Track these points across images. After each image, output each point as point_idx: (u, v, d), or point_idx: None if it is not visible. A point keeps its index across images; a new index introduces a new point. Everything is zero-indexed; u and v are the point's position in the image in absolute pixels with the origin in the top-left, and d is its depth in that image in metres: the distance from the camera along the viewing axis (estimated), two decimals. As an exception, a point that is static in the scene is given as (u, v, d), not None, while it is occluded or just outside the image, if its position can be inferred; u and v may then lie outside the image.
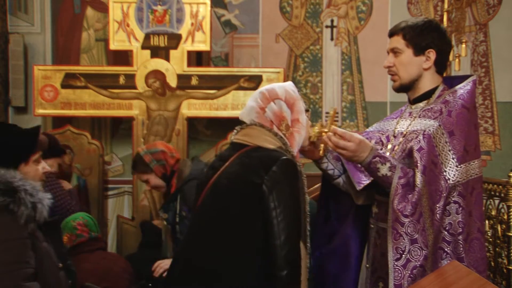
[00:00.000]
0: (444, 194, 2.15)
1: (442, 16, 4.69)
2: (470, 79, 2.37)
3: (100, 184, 4.74)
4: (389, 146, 2.37)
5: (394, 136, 2.38)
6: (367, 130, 2.61)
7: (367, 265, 2.44)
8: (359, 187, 2.36)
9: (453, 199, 2.18)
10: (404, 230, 2.09)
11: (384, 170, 2.17)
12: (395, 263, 2.11)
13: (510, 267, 3.04)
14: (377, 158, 2.17)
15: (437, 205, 2.13)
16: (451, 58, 4.52)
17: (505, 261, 3.08)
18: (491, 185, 3.19)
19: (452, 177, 2.17)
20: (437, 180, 2.15)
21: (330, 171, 2.46)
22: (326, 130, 2.22)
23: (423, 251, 2.09)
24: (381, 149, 2.38)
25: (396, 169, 2.17)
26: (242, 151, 2.13)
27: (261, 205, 2.02)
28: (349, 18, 5.13)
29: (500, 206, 3.14)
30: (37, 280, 1.94)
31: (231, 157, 2.13)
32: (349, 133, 2.17)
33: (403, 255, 2.09)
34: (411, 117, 2.37)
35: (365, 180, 2.35)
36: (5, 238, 1.89)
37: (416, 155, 2.16)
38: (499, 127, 5.07)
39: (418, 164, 2.13)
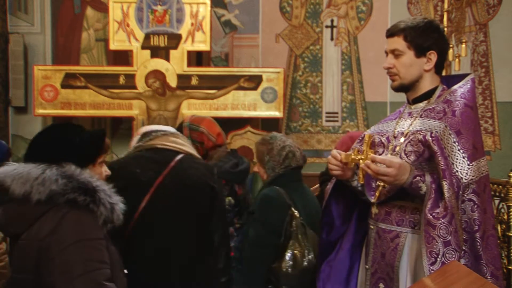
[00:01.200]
0: (460, 193, 2.15)
1: (442, 16, 4.70)
2: (468, 78, 2.37)
3: (100, 184, 4.74)
4: (390, 147, 2.37)
5: (395, 137, 2.37)
6: (365, 133, 2.58)
7: (367, 266, 2.43)
8: (373, 201, 2.36)
9: (467, 197, 2.17)
10: (436, 233, 2.07)
11: (425, 187, 2.16)
12: (430, 268, 2.08)
13: (510, 267, 3.04)
14: (418, 178, 2.16)
15: (459, 205, 2.14)
16: (451, 58, 4.52)
17: (505, 261, 3.08)
18: (491, 185, 3.19)
19: (465, 176, 2.16)
20: (452, 181, 2.15)
21: (360, 188, 2.44)
22: (363, 157, 2.21)
23: (457, 253, 2.07)
24: (383, 151, 2.38)
25: (426, 176, 2.16)
26: (182, 157, 2.42)
27: (213, 205, 2.40)
28: (349, 18, 5.13)
29: (500, 206, 3.14)
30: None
31: (170, 161, 2.38)
32: (388, 159, 2.15)
33: (438, 258, 2.06)
34: (411, 117, 2.36)
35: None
36: (88, 237, 1.88)
37: (436, 160, 2.15)
38: (499, 127, 5.07)
39: (440, 171, 2.12)
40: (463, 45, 4.52)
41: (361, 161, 2.20)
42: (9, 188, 1.85)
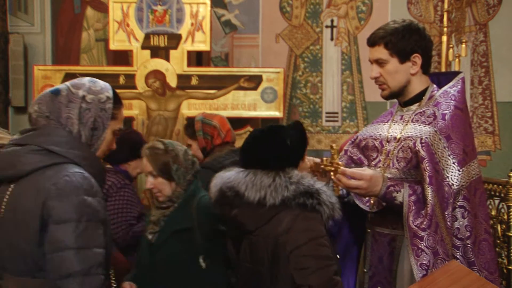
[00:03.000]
0: (451, 201, 2.12)
1: (442, 16, 4.70)
2: (458, 78, 2.33)
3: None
4: (384, 152, 2.35)
5: (388, 141, 2.35)
6: (358, 135, 2.56)
7: (365, 270, 2.42)
8: (371, 209, 2.35)
9: (458, 203, 2.15)
10: (424, 244, 2.06)
11: (400, 197, 2.15)
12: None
13: (510, 267, 3.04)
14: (391, 188, 2.15)
15: (446, 212, 2.11)
16: (451, 58, 4.52)
17: (505, 261, 3.08)
18: (491, 185, 3.19)
19: (456, 182, 2.14)
20: (442, 187, 2.12)
21: (341, 192, 2.42)
22: (332, 168, 2.19)
23: (445, 262, 2.06)
24: (377, 155, 2.36)
25: (404, 188, 2.15)
26: None
27: None
28: (349, 18, 5.13)
29: (500, 206, 3.13)
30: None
31: None
32: (358, 172, 2.15)
33: (428, 270, 2.05)
34: (403, 121, 2.33)
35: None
36: (318, 235, 2.10)
37: (422, 166, 2.12)
38: (499, 127, 5.07)
39: (425, 176, 2.10)
40: (463, 45, 4.52)
41: (332, 173, 2.19)
42: (243, 194, 2.14)
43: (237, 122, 4.62)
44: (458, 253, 2.14)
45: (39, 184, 1.77)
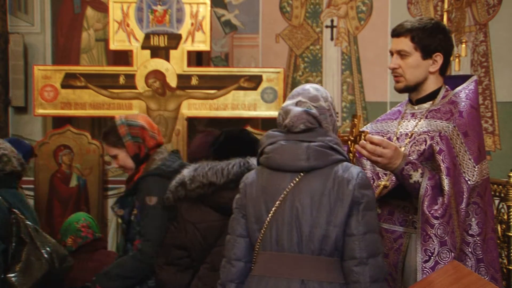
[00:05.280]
0: (466, 195, 2.14)
1: (442, 16, 4.69)
2: (471, 80, 2.36)
3: (100, 184, 4.74)
4: None
5: (398, 138, 2.36)
6: (362, 129, 2.57)
7: None
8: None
9: (472, 200, 2.17)
10: (434, 232, 2.07)
11: (416, 176, 2.14)
12: (423, 265, 2.09)
13: (510, 267, 3.04)
14: (409, 165, 2.14)
15: (460, 207, 2.13)
16: (451, 58, 4.52)
17: (505, 261, 3.08)
18: (491, 185, 3.19)
19: (472, 178, 2.16)
20: (459, 181, 2.14)
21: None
22: (352, 138, 2.17)
23: (451, 253, 2.08)
24: None
25: (425, 173, 2.14)
26: None
27: None
28: (349, 18, 5.13)
29: (500, 206, 3.14)
30: None
31: None
32: (386, 140, 2.13)
33: (432, 257, 2.07)
34: (416, 118, 2.34)
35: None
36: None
37: (438, 157, 2.14)
38: (499, 127, 5.07)
39: (442, 167, 2.12)
40: (463, 45, 4.51)
41: (349, 143, 2.17)
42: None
43: (237, 122, 4.62)
44: (468, 249, 2.16)
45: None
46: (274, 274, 1.97)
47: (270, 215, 1.99)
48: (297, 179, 1.98)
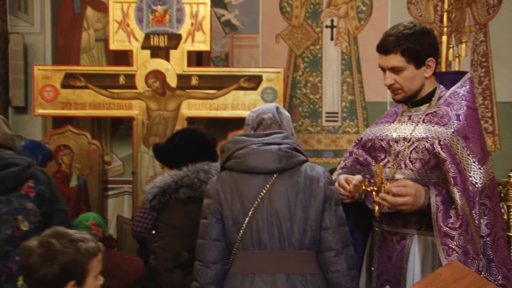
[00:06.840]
0: (476, 199, 2.13)
1: (442, 16, 4.69)
2: (465, 78, 2.34)
3: (100, 184, 4.74)
4: (392, 152, 2.34)
5: (396, 142, 2.34)
6: (362, 136, 2.54)
7: (372, 268, 2.41)
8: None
9: (480, 201, 2.15)
10: (455, 244, 2.05)
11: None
12: None
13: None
14: (429, 197, 2.14)
15: (473, 211, 2.11)
16: (451, 58, 4.52)
17: (506, 261, 3.08)
18: (491, 185, 3.19)
19: (479, 180, 2.14)
20: (467, 187, 2.12)
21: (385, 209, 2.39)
22: (375, 188, 2.16)
23: (475, 261, 2.06)
24: (385, 156, 2.36)
25: (430, 189, 2.13)
26: None
27: None
28: (349, 18, 5.13)
29: (500, 206, 3.14)
30: None
31: None
32: (404, 188, 2.11)
33: None
34: (413, 122, 2.32)
35: None
36: None
37: (443, 168, 2.12)
38: (499, 127, 5.07)
39: (449, 177, 2.10)
40: (463, 45, 4.51)
41: (374, 193, 2.15)
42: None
43: (237, 122, 4.62)
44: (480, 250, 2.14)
45: None
46: (258, 271, 2.11)
47: (249, 215, 2.12)
48: (271, 180, 2.14)
